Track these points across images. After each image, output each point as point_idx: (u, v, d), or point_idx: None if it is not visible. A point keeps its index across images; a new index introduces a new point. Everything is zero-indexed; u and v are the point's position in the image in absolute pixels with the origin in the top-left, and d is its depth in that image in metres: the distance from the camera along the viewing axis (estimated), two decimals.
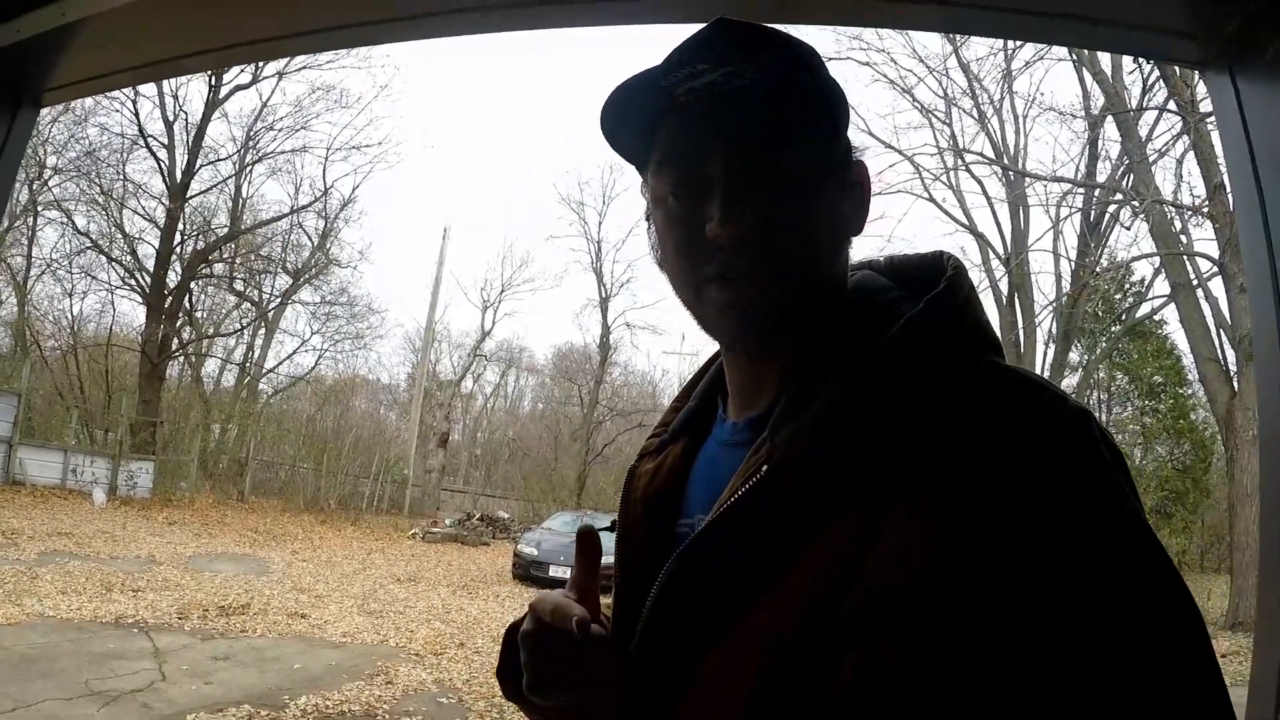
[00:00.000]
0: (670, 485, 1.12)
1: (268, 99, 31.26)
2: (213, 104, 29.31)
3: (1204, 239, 22.89)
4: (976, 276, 30.13)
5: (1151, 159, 20.78)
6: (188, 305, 31.32)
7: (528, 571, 18.82)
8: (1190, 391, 32.38)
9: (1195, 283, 19.83)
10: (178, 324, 30.04)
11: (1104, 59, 21.85)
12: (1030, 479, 0.80)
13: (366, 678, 8.68)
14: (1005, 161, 29.50)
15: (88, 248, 28.82)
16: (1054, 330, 30.11)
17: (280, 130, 31.99)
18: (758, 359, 1.05)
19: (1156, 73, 18.70)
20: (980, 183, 30.97)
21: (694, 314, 1.04)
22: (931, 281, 0.98)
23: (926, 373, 0.90)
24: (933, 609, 0.79)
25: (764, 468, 0.91)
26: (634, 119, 1.03)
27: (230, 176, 31.39)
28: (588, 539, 1.05)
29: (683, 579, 0.97)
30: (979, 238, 31.49)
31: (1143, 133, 21.57)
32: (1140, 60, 17.88)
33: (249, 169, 32.23)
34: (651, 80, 0.98)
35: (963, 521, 0.80)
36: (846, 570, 0.83)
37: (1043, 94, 35.79)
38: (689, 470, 1.13)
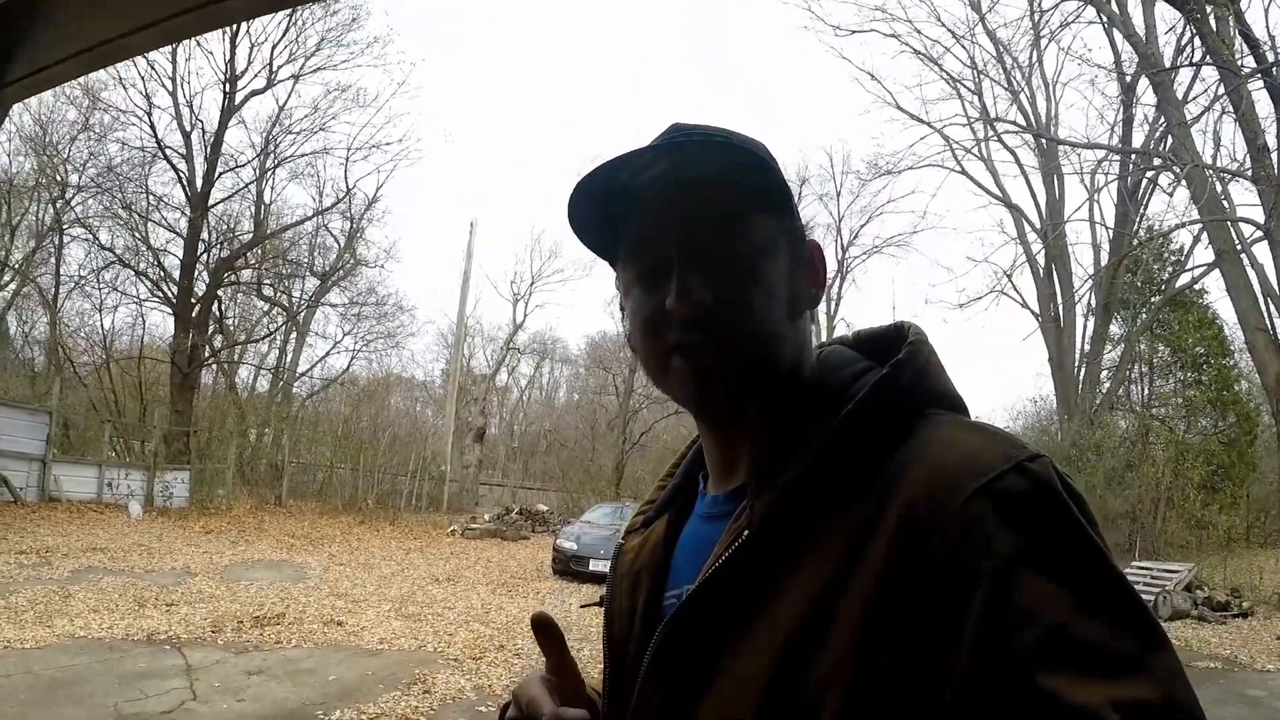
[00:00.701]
0: (655, 559, 1.18)
1: (284, 103, 31.32)
2: (228, 111, 29.40)
3: (1246, 204, 22.50)
4: (1012, 250, 30.12)
5: (1190, 121, 20.29)
6: (217, 313, 31.45)
7: (568, 566, 18.66)
8: (1234, 363, 32.13)
9: (1240, 249, 19.36)
10: (208, 332, 30.16)
11: (1137, 19, 21.39)
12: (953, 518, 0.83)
13: (404, 687, 8.51)
14: (1038, 129, 29.16)
15: (113, 262, 28.89)
16: (1093, 303, 29.74)
17: (299, 133, 32.21)
18: (730, 433, 1.11)
19: (1191, 28, 18.23)
20: (1013, 153, 30.86)
21: (662, 388, 1.09)
22: (898, 348, 1.04)
23: (885, 432, 0.95)
24: (893, 653, 0.82)
25: (744, 534, 0.96)
26: (597, 216, 1.10)
27: (251, 183, 31.57)
28: (542, 628, 1.09)
29: (673, 645, 1.01)
30: (1013, 210, 31.30)
31: (1180, 92, 21.07)
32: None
33: (270, 174, 32.37)
34: (609, 178, 1.04)
35: (899, 563, 0.84)
36: (823, 622, 0.87)
37: (1075, 54, 35.09)
38: (673, 544, 1.18)
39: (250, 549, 18.35)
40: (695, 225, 1.03)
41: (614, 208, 1.08)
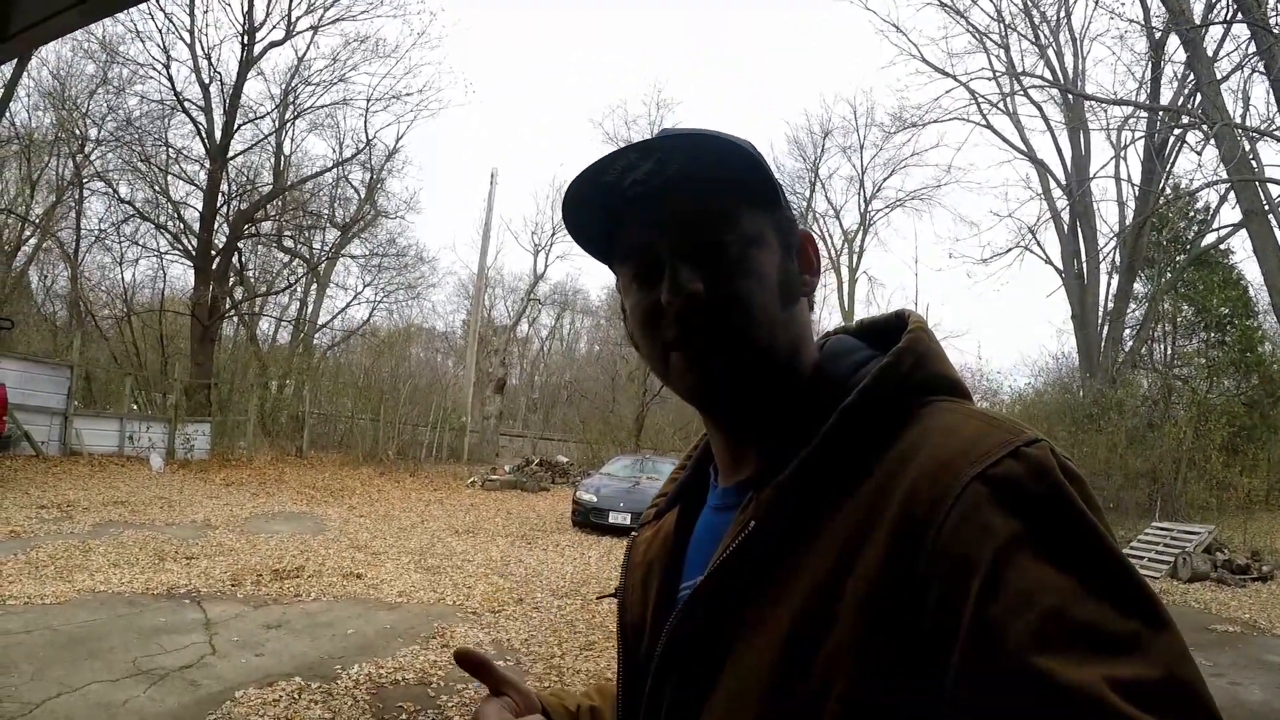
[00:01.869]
0: (667, 551, 1.20)
1: (303, 54, 31.29)
2: (247, 63, 29.27)
3: (1275, 164, 22.23)
4: (1037, 206, 30.05)
5: (1220, 79, 20.00)
6: (237, 265, 31.51)
7: (587, 518, 18.71)
8: (1258, 324, 31.88)
9: (1268, 210, 19.14)
10: (228, 285, 30.19)
11: None
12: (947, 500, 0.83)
13: (422, 641, 8.54)
14: (1064, 84, 28.89)
15: (133, 216, 28.93)
16: (1117, 260, 29.59)
17: (318, 84, 32.12)
18: (734, 426, 1.12)
19: None
20: (1039, 108, 30.61)
21: (666, 383, 1.10)
22: (897, 337, 1.04)
23: (887, 420, 0.96)
24: (894, 640, 0.82)
25: (750, 525, 0.97)
26: (591, 220, 1.11)
27: (270, 134, 31.50)
28: (464, 661, 1.17)
29: (684, 636, 1.03)
30: (1039, 165, 31.12)
31: (1209, 50, 20.77)
32: None
33: (289, 125, 32.29)
34: (596, 178, 1.05)
35: (899, 551, 0.84)
36: (827, 611, 0.87)
37: (1106, 7, 34.67)
38: (686, 536, 1.19)
39: (270, 501, 18.47)
40: (683, 221, 1.04)
41: (606, 210, 1.09)
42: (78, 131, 27.89)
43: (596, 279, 63.75)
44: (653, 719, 1.05)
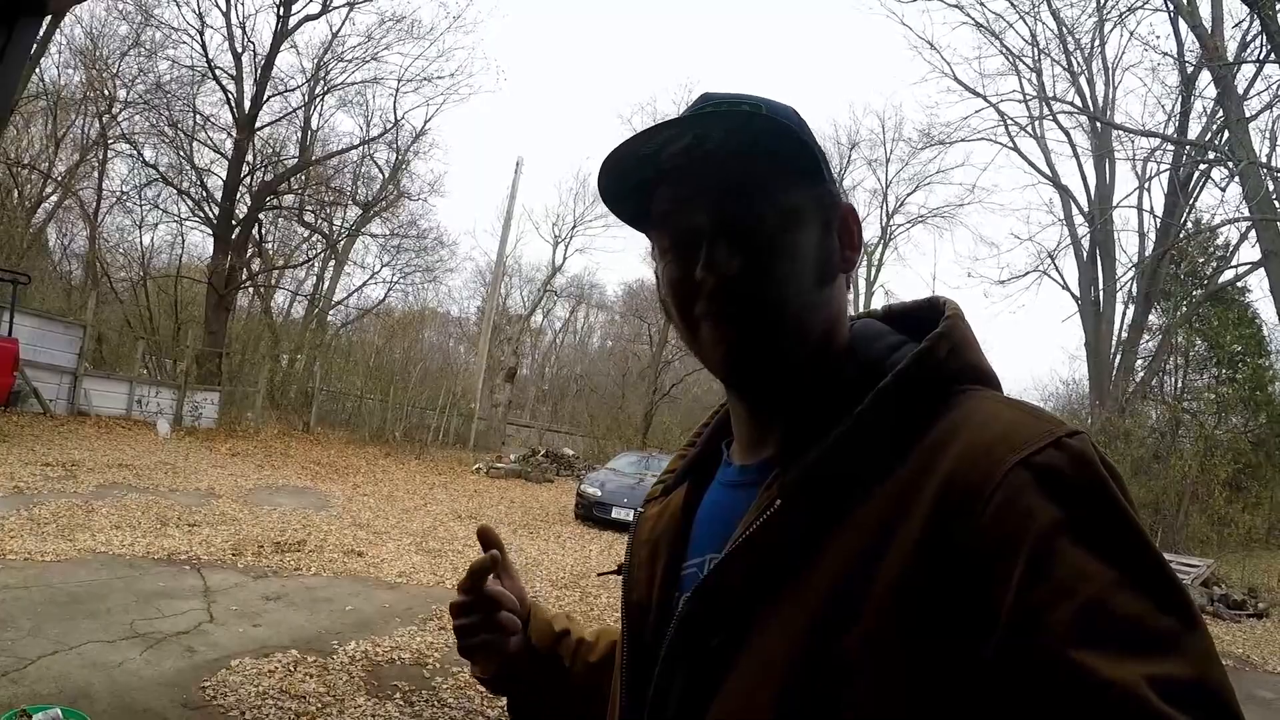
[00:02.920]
0: (674, 527, 1.17)
1: (338, 30, 31.18)
2: (281, 35, 29.26)
3: None
4: (1058, 231, 30.01)
5: (1249, 118, 19.97)
6: (257, 236, 31.57)
7: (590, 512, 18.72)
8: (1270, 363, 32.03)
9: None
10: (246, 255, 30.24)
11: (1203, 11, 21.03)
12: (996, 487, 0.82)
13: (419, 622, 8.53)
14: (1094, 112, 28.88)
15: (156, 180, 28.99)
16: (1134, 291, 29.61)
17: (350, 61, 32.08)
18: (761, 402, 1.10)
19: (1259, 25, 17.91)
20: (1067, 134, 30.68)
21: (696, 355, 1.09)
22: (932, 322, 1.03)
23: (923, 405, 0.95)
24: (929, 623, 0.81)
25: (777, 501, 0.95)
26: (629, 189, 1.09)
27: (299, 108, 31.48)
28: (484, 537, 1.31)
29: (700, 614, 1.00)
30: (1062, 191, 31.17)
31: (1240, 88, 20.72)
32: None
33: (319, 100, 32.29)
34: (636, 149, 1.04)
35: (938, 534, 0.83)
36: (857, 592, 0.85)
37: (1140, 38, 34.66)
38: (693, 513, 1.17)
39: (275, 474, 18.47)
40: (722, 195, 1.02)
41: (643, 178, 1.07)
42: (106, 92, 27.90)
43: (614, 274, 63.81)
44: (663, 700, 1.03)
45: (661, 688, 1.03)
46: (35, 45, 22.50)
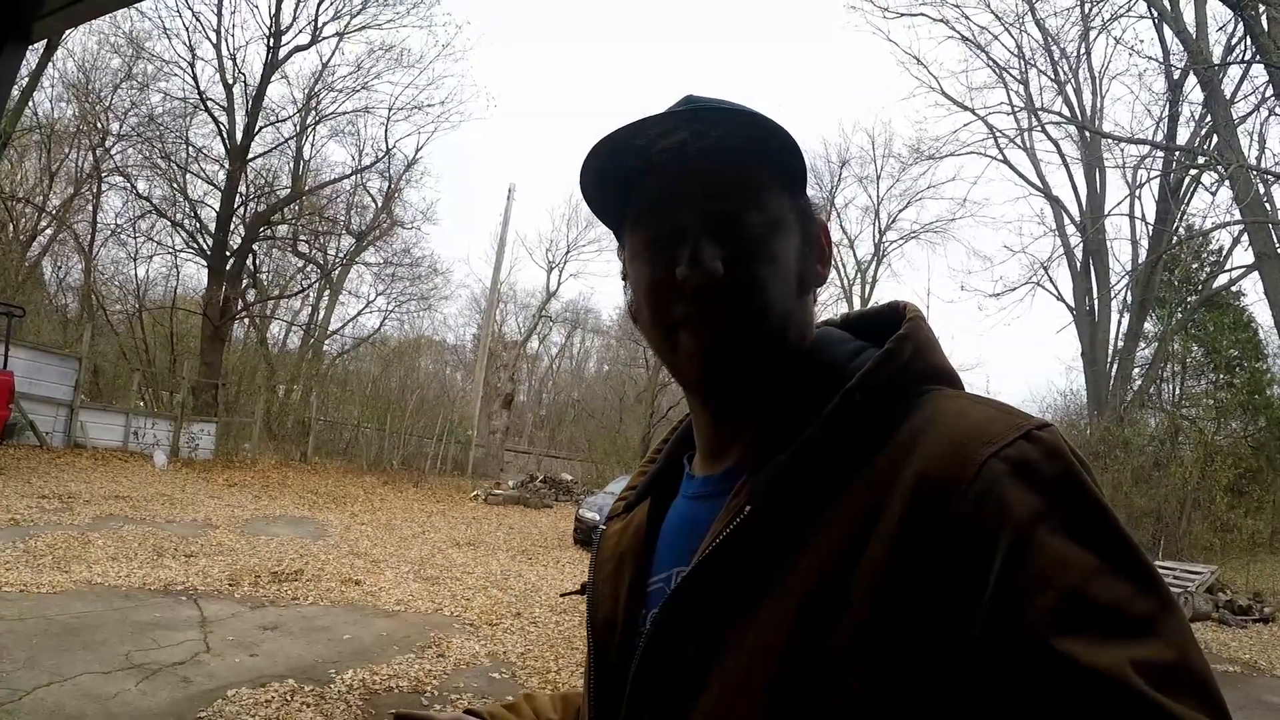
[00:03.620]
0: (638, 543, 1.16)
1: (327, 60, 31.34)
2: (271, 66, 29.40)
3: None
4: (1050, 242, 30.13)
5: (1236, 121, 20.05)
6: (251, 267, 31.57)
7: (589, 536, 18.50)
8: (1267, 366, 32.33)
9: None
10: (241, 286, 30.26)
11: (1188, 16, 21.15)
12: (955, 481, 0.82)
13: (418, 650, 8.50)
14: (1082, 122, 29.03)
15: (150, 212, 29.04)
16: (1129, 299, 29.72)
17: (341, 91, 32.17)
18: (728, 412, 1.09)
19: (1243, 27, 18.01)
20: (1056, 144, 30.79)
21: (666, 362, 1.09)
22: (893, 327, 1.03)
23: (890, 406, 0.95)
24: (910, 619, 0.81)
25: (746, 509, 0.94)
26: (611, 180, 1.08)
27: (291, 138, 31.59)
28: None
29: (671, 628, 0.98)
30: (1053, 201, 31.34)
31: (1227, 92, 20.82)
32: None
33: (310, 130, 32.38)
34: (625, 142, 1.02)
35: (914, 530, 0.82)
36: (836, 594, 0.85)
37: (1126, 44, 34.83)
38: (657, 529, 1.16)
39: (272, 504, 18.42)
40: (712, 194, 1.02)
41: (627, 172, 1.06)
42: (99, 125, 28.01)
43: (609, 299, 63.92)
44: (643, 711, 1.00)
45: (633, 704, 1.01)
46: (28, 79, 22.64)
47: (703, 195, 1.02)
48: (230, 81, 29.04)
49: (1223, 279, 31.23)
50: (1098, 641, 0.72)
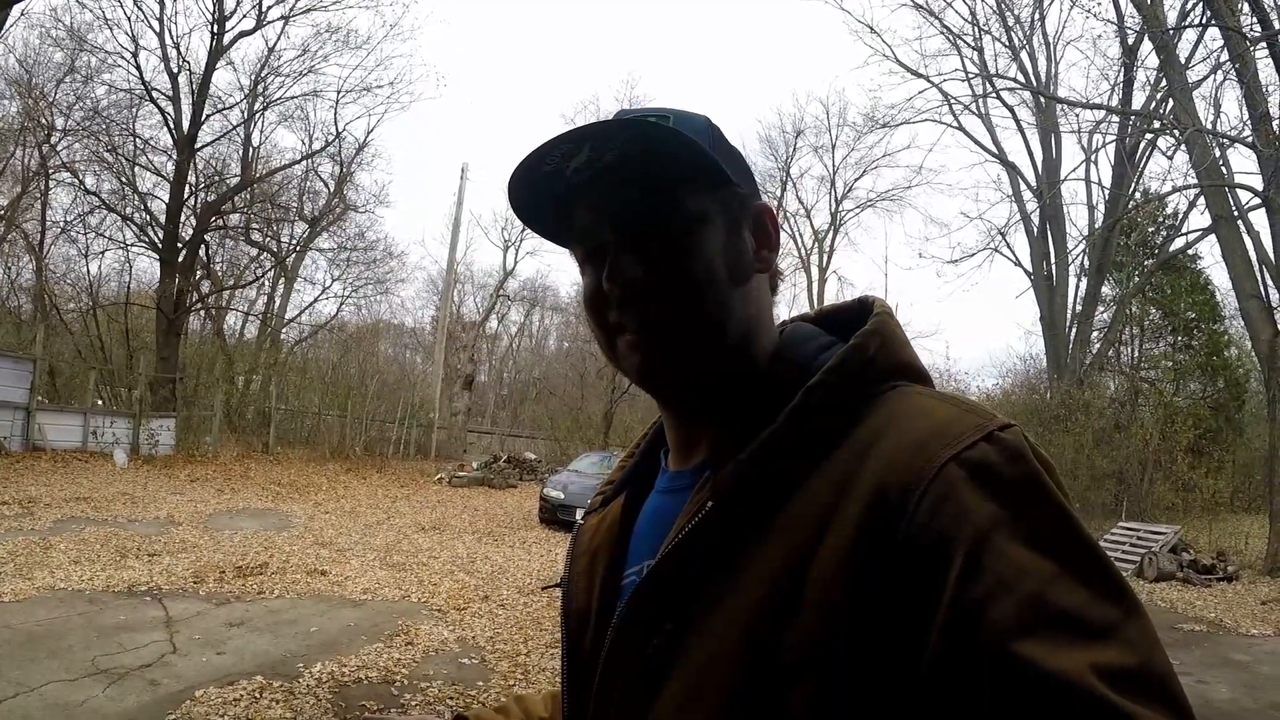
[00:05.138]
0: (612, 537, 1.17)
1: (274, 44, 30.98)
2: (217, 52, 28.99)
3: (1244, 171, 22.43)
4: (1007, 208, 30.21)
5: (1192, 85, 20.16)
6: (204, 258, 31.27)
7: (554, 515, 18.71)
8: (1224, 328, 32.84)
9: (1237, 216, 19.32)
10: (195, 278, 29.95)
11: None
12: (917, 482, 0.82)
13: (386, 639, 8.49)
14: (1037, 87, 29.13)
15: (99, 207, 28.69)
16: (1086, 263, 29.94)
17: (288, 75, 31.80)
18: (687, 409, 1.10)
19: None
20: (1012, 110, 30.86)
21: (616, 367, 1.10)
22: (862, 322, 1.04)
23: (852, 402, 0.95)
24: (865, 624, 0.80)
25: (708, 505, 0.94)
26: (539, 206, 1.09)
27: (239, 125, 31.23)
28: None
29: (636, 622, 0.99)
30: (1009, 167, 31.42)
31: (1182, 57, 20.93)
32: None
33: (259, 116, 32.04)
34: (539, 166, 1.02)
35: (872, 532, 0.82)
36: (793, 593, 0.85)
37: (1082, 6, 34.90)
38: (632, 522, 1.16)
39: (235, 497, 18.32)
40: (622, 208, 1.03)
41: (552, 196, 1.06)
42: (44, 121, 27.59)
43: (566, 275, 63.82)
44: (604, 707, 1.02)
45: (602, 695, 1.02)
46: None
47: (616, 211, 1.03)
48: (175, 70, 28.72)
49: (1179, 242, 31.48)
50: (1058, 646, 0.72)
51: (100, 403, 24.08)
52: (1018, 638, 0.73)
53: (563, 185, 1.04)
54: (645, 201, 1.02)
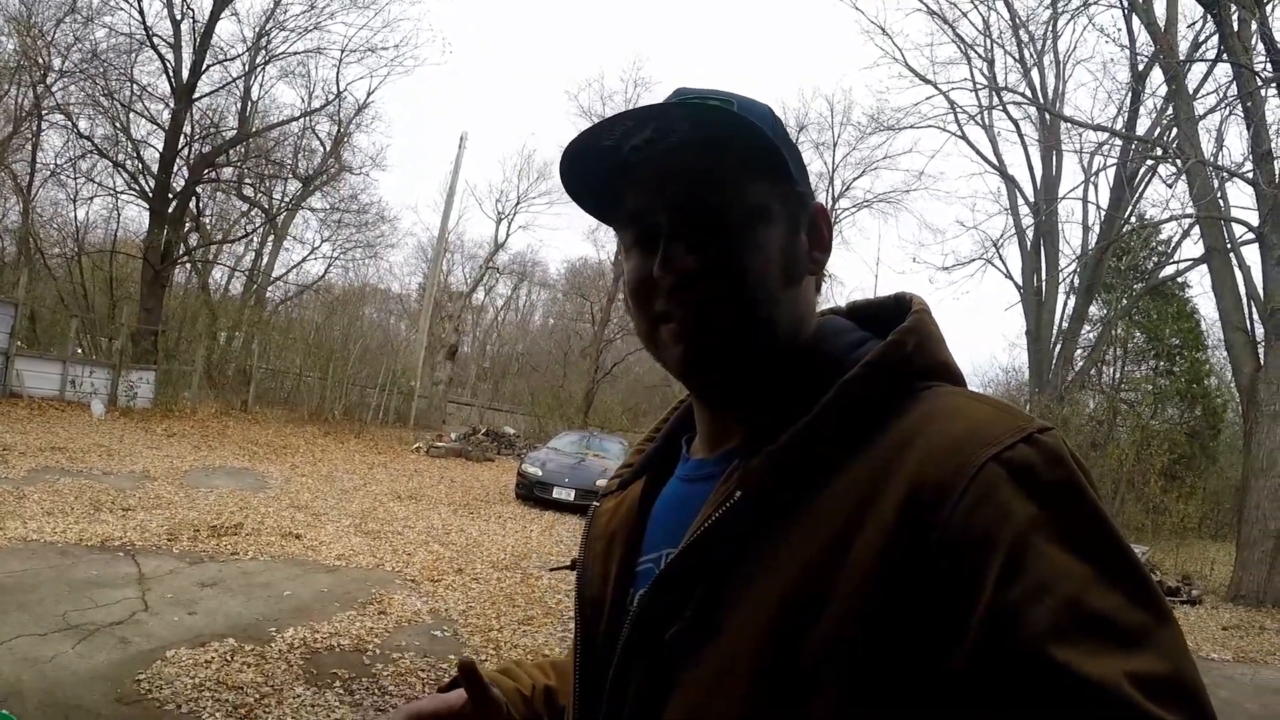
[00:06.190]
0: (630, 522, 1.16)
1: None
2: (222, 1, 28.54)
3: (1239, 206, 22.55)
4: (1003, 220, 30.24)
5: (1199, 116, 20.20)
6: (194, 210, 30.96)
7: (531, 492, 18.69)
8: (1206, 357, 33.38)
9: (1230, 249, 19.43)
10: (184, 230, 29.69)
11: (1159, 8, 21.23)
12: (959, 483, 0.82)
13: (359, 606, 8.47)
14: (1044, 104, 29.20)
15: (91, 152, 28.33)
16: (1077, 282, 30.10)
17: (293, 30, 31.21)
18: (722, 400, 1.08)
19: (1213, 26, 18.19)
20: (1016, 124, 30.91)
21: (654, 356, 1.08)
22: (898, 319, 1.03)
23: (889, 399, 0.94)
24: (896, 621, 0.80)
25: (737, 494, 0.94)
26: (594, 183, 1.07)
27: (239, 78, 30.82)
28: (464, 673, 1.15)
29: (657, 610, 0.98)
30: (1009, 181, 31.54)
31: (1190, 87, 20.98)
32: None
33: (260, 70, 31.65)
34: (597, 142, 1.01)
35: (908, 530, 0.82)
36: (823, 588, 0.84)
37: (1097, 27, 34.94)
38: (650, 508, 1.16)
39: (212, 455, 18.21)
40: (682, 191, 1.01)
41: (606, 172, 1.05)
42: (41, 60, 27.22)
43: (557, 252, 63.88)
44: (618, 701, 1.01)
45: (618, 685, 1.01)
46: None
47: (675, 193, 1.01)
48: (178, 17, 28.21)
49: (1169, 269, 31.76)
50: (1094, 651, 0.72)
51: (80, 351, 23.94)
52: (1055, 642, 0.73)
53: (619, 163, 1.03)
54: (706, 190, 1.01)
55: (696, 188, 1.01)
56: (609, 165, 1.03)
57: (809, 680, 0.82)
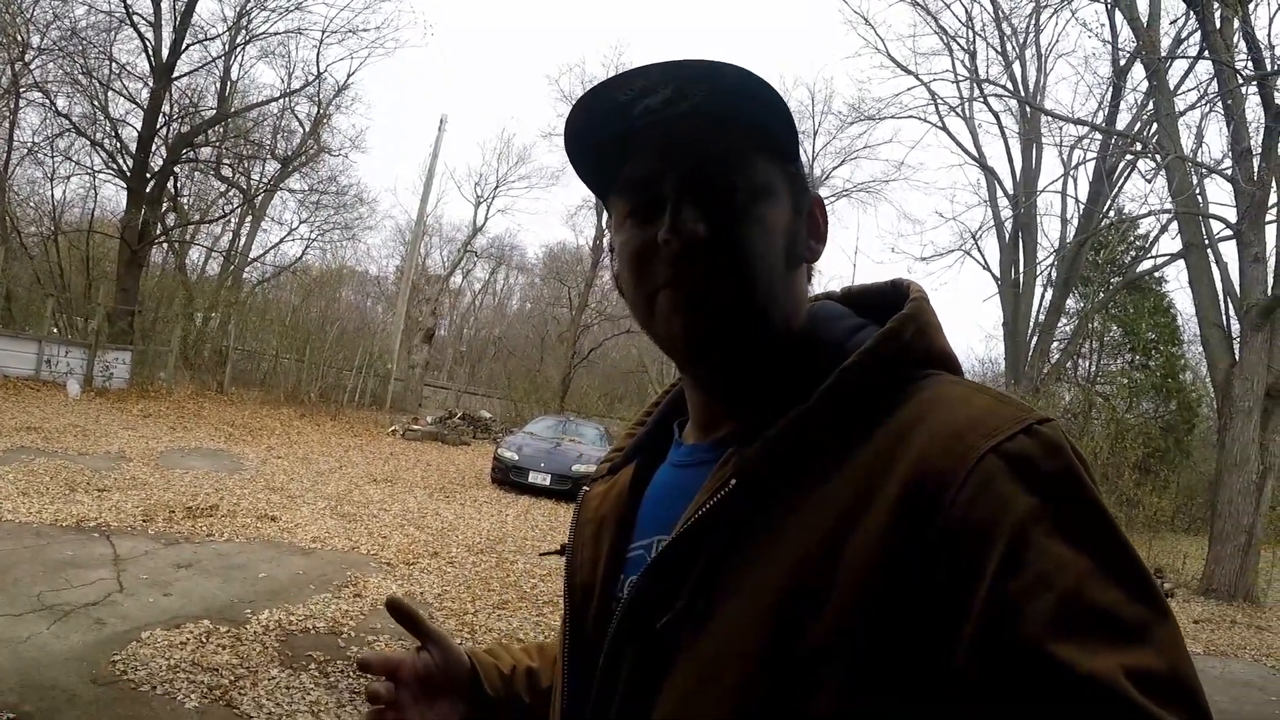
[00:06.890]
0: (620, 507, 1.14)
1: None
2: None
3: (1218, 203, 22.63)
4: (982, 212, 30.29)
5: (1179, 112, 20.30)
6: (172, 190, 30.79)
7: (507, 476, 18.64)
8: (1182, 352, 33.48)
9: (1207, 245, 19.53)
10: (161, 210, 29.46)
11: (1141, 4, 21.30)
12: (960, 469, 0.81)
13: (334, 589, 8.49)
14: (1025, 97, 29.23)
15: (69, 130, 28.09)
16: (1054, 275, 30.19)
17: (274, 10, 30.91)
18: (717, 381, 1.07)
19: (1195, 23, 18.26)
20: (997, 117, 30.88)
21: (648, 330, 1.06)
22: (894, 306, 1.02)
23: (887, 387, 0.93)
24: (897, 612, 0.80)
25: (732, 481, 0.93)
26: (596, 143, 1.05)
27: (219, 57, 30.60)
28: (395, 610, 1.30)
29: (649, 598, 0.96)
30: (988, 172, 31.55)
31: (1171, 83, 21.07)
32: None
33: (240, 50, 31.43)
34: (609, 93, 0.99)
35: (906, 520, 0.81)
36: (821, 578, 0.83)
37: (1080, 20, 34.96)
38: (640, 494, 1.14)
39: (188, 436, 18.16)
40: (695, 158, 1.00)
41: (611, 135, 1.03)
42: (19, 37, 26.96)
43: (535, 236, 63.75)
44: (608, 688, 1.00)
45: (609, 672, 1.00)
46: None
47: (685, 160, 1.00)
48: None
49: (1147, 264, 31.79)
50: (1092, 647, 0.72)
51: (56, 331, 23.80)
52: (1054, 637, 0.73)
53: (626, 124, 1.01)
54: (720, 158, 1.00)
55: (707, 159, 1.00)
56: (615, 126, 1.02)
57: (807, 672, 0.82)
